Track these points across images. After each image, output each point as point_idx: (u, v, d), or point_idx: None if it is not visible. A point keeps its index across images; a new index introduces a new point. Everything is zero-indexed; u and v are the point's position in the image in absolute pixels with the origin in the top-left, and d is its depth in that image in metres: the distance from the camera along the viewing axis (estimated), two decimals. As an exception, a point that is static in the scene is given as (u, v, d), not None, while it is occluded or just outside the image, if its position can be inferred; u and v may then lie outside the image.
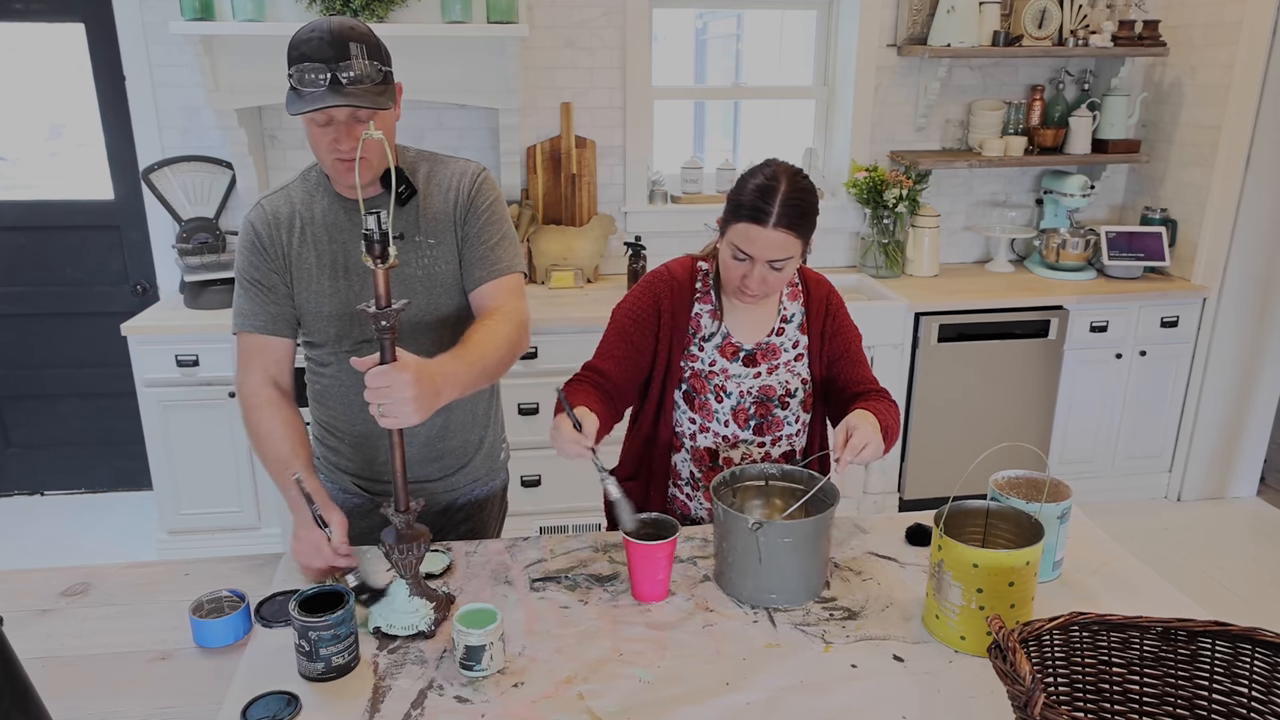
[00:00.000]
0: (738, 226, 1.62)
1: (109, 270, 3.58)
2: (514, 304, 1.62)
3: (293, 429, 1.59)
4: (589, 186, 3.63)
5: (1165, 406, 3.77)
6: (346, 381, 1.69)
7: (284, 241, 1.61)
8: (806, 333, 1.80)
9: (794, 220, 1.60)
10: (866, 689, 1.31)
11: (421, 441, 1.73)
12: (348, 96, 1.43)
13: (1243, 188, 3.51)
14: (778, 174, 1.62)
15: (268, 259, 1.61)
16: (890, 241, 3.74)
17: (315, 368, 1.73)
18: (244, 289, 1.62)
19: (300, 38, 1.45)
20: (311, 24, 1.46)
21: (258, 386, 1.61)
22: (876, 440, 1.58)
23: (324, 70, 1.42)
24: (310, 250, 1.61)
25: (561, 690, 1.30)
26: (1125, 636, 1.18)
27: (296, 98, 1.45)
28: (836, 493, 1.57)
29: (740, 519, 1.47)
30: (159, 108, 3.32)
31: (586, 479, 3.38)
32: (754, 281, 1.64)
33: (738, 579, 1.52)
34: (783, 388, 1.78)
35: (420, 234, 1.63)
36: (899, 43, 3.69)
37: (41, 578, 1.57)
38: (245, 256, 1.62)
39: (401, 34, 2.98)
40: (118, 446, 3.78)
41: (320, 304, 1.63)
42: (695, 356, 1.76)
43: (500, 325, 1.55)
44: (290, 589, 1.50)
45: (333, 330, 1.65)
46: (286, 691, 1.28)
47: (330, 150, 1.50)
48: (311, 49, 1.43)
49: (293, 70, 1.44)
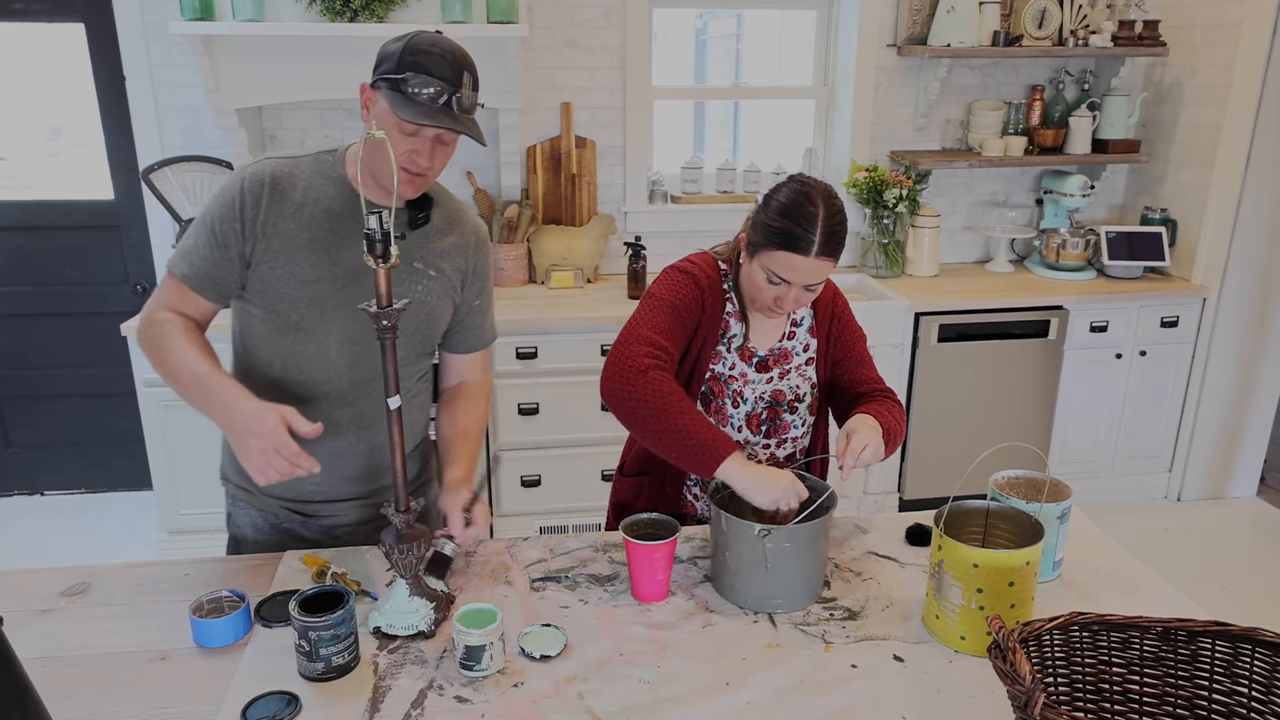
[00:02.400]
0: (775, 254, 1.59)
1: (109, 270, 3.58)
2: (488, 377, 1.85)
3: (210, 351, 1.53)
4: (589, 186, 3.63)
5: (1165, 406, 3.77)
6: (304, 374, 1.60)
7: (265, 208, 1.53)
8: (815, 336, 1.80)
9: (834, 247, 1.59)
10: (866, 689, 1.31)
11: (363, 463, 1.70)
12: (462, 123, 1.47)
13: (1243, 188, 3.51)
14: (814, 197, 1.58)
15: (240, 219, 1.53)
16: (890, 241, 3.74)
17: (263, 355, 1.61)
18: (199, 234, 1.55)
19: (420, 48, 1.45)
20: (431, 39, 1.47)
21: (173, 315, 1.56)
22: (876, 441, 1.58)
23: (445, 90, 1.44)
24: (301, 232, 1.55)
25: (561, 690, 1.30)
26: (1125, 636, 1.18)
27: (406, 104, 1.43)
28: (827, 489, 1.58)
29: (746, 526, 1.46)
30: (159, 108, 3.32)
31: (586, 479, 3.39)
32: (789, 303, 1.64)
33: (742, 586, 1.51)
34: (792, 392, 1.78)
35: (422, 262, 1.62)
36: (899, 43, 3.69)
37: (41, 578, 1.57)
38: (220, 205, 1.54)
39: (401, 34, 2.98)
40: (118, 446, 3.78)
41: (292, 287, 1.55)
42: (719, 357, 1.75)
43: (485, 406, 1.80)
44: (290, 589, 1.50)
45: (294, 317, 1.57)
46: (286, 691, 1.28)
47: (408, 160, 1.49)
48: (432, 64, 1.44)
49: (405, 76, 1.43)
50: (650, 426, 1.58)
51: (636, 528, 1.54)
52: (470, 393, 1.77)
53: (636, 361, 1.61)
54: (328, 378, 1.61)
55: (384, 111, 1.46)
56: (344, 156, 1.60)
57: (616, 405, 1.62)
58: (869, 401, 1.73)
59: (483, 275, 1.74)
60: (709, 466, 1.54)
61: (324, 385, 1.61)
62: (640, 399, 1.58)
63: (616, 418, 1.64)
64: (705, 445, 1.54)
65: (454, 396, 1.77)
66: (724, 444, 1.54)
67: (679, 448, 1.56)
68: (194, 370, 1.49)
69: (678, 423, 1.56)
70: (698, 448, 1.55)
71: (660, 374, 1.61)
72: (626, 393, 1.60)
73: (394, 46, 1.47)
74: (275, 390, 1.59)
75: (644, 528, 1.55)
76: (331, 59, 3.09)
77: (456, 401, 1.76)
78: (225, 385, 1.47)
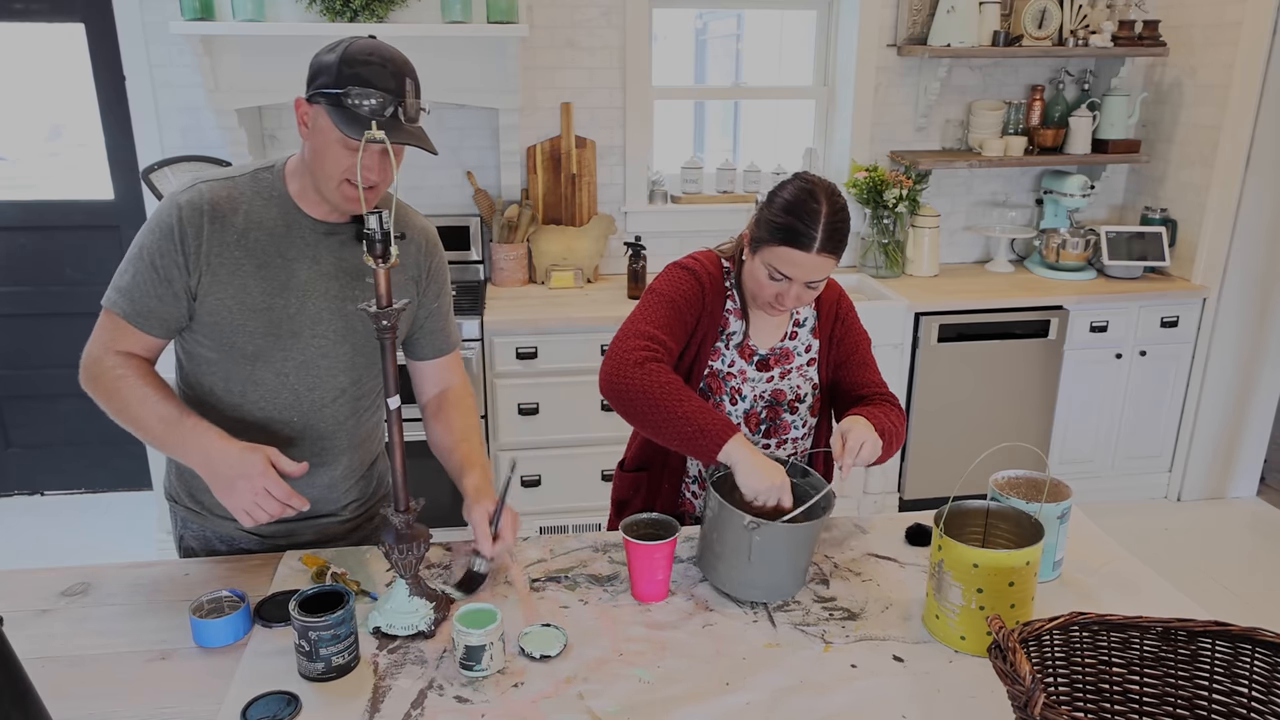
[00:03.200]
0: (778, 250, 1.60)
1: (109, 270, 3.53)
2: (467, 381, 1.78)
3: (168, 389, 1.47)
4: (589, 186, 3.63)
5: (1165, 406, 3.77)
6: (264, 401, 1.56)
7: (207, 237, 1.46)
8: (818, 336, 1.80)
9: (836, 244, 1.60)
10: (866, 689, 1.31)
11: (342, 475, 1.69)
12: (410, 135, 1.39)
13: (1243, 188, 3.52)
14: (817, 194, 1.59)
15: (181, 251, 1.46)
16: (890, 241, 3.74)
17: (218, 386, 1.56)
18: (138, 270, 1.48)
19: (357, 58, 1.36)
20: (368, 47, 1.38)
21: (121, 358, 1.48)
22: (873, 438, 1.58)
23: (389, 101, 1.36)
24: (248, 259, 1.48)
25: (561, 690, 1.30)
26: (1125, 636, 1.18)
27: (349, 119, 1.35)
28: (833, 496, 1.57)
29: (736, 515, 1.47)
30: (159, 108, 3.32)
31: (587, 479, 3.39)
32: (790, 300, 1.65)
33: (724, 570, 1.52)
34: (793, 392, 1.78)
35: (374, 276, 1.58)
36: (899, 43, 3.69)
37: (41, 578, 1.57)
38: (157, 238, 1.46)
39: (401, 34, 2.98)
40: (118, 446, 3.78)
41: (245, 318, 1.49)
42: (718, 354, 1.76)
43: (473, 411, 1.72)
44: (290, 589, 1.50)
45: (250, 348, 1.52)
46: (286, 691, 1.27)
47: (355, 175, 1.42)
48: (373, 74, 1.36)
49: (345, 90, 1.35)
50: (650, 417, 1.58)
51: (636, 528, 1.54)
52: (456, 398, 1.72)
53: (634, 355, 1.62)
54: (289, 403, 1.57)
55: (324, 127, 1.39)
56: (283, 173, 1.53)
57: (616, 399, 1.63)
58: (866, 404, 1.74)
59: (438, 277, 1.68)
60: (711, 450, 1.54)
61: (286, 411, 1.57)
62: (639, 391, 1.59)
63: (617, 412, 1.64)
64: (706, 430, 1.55)
65: (440, 405, 1.71)
66: (725, 427, 1.55)
67: (681, 435, 1.56)
68: (161, 414, 1.43)
69: (677, 410, 1.56)
70: (699, 433, 1.55)
71: (658, 365, 1.61)
72: (625, 386, 1.60)
73: (329, 58, 1.38)
74: (236, 422, 1.54)
75: (644, 528, 1.55)
76: (331, 59, 3.08)
77: (444, 409, 1.70)
78: (200, 428, 1.42)
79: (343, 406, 1.62)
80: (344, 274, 1.55)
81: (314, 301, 1.53)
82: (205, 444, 1.41)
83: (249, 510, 1.39)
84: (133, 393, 1.46)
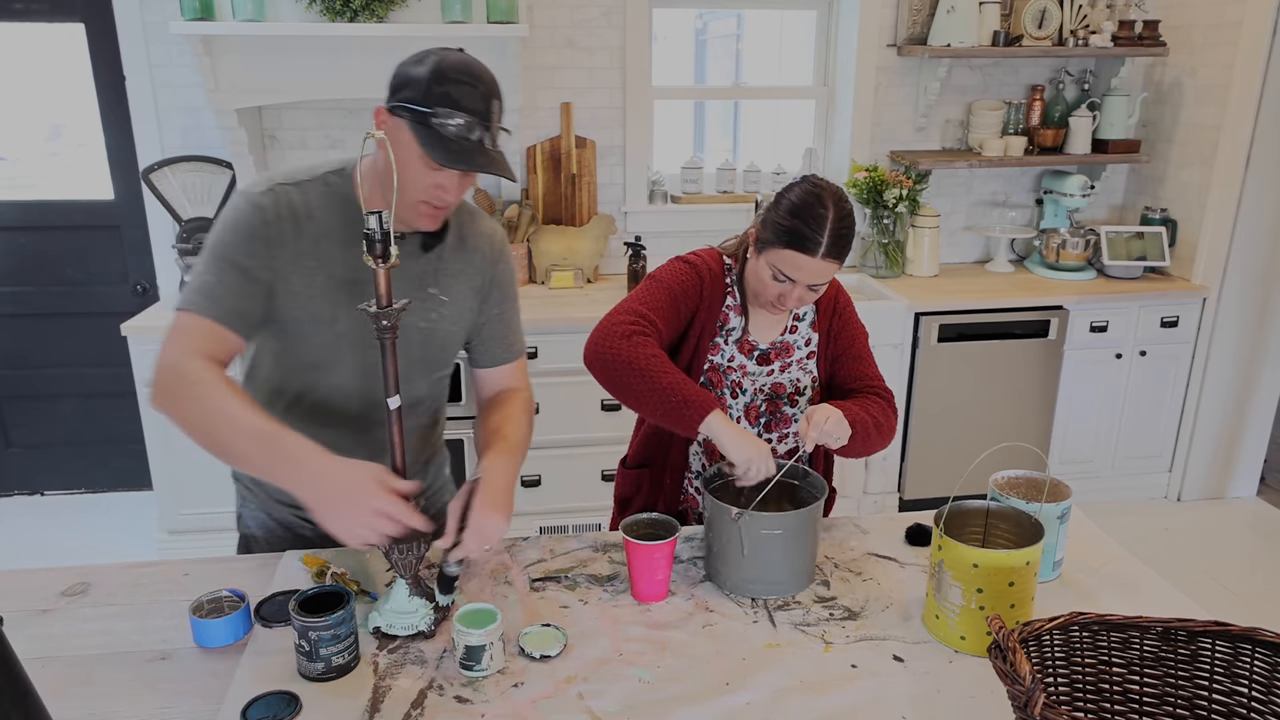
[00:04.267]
0: (783, 252, 1.60)
1: (109, 270, 3.58)
2: (528, 388, 1.71)
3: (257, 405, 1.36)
4: (589, 186, 3.63)
5: (1165, 406, 3.77)
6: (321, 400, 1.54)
7: (289, 243, 1.43)
8: (816, 330, 1.81)
9: (841, 249, 1.60)
10: (866, 689, 1.31)
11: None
12: (493, 162, 1.36)
13: (1243, 188, 3.52)
14: (825, 199, 1.59)
15: (268, 250, 1.41)
16: (890, 241, 3.74)
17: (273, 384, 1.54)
18: (222, 270, 1.40)
19: (448, 75, 1.32)
20: (461, 63, 1.34)
21: (206, 363, 1.37)
22: (837, 414, 1.58)
23: (479, 128, 1.33)
24: (320, 270, 1.45)
25: (561, 690, 1.30)
26: (1125, 636, 1.18)
27: (437, 142, 1.31)
28: (824, 486, 1.59)
29: (723, 509, 1.49)
30: (159, 108, 3.32)
31: (587, 479, 3.39)
32: (792, 301, 1.65)
33: (722, 567, 1.54)
34: (793, 385, 1.79)
35: (435, 286, 1.55)
36: (899, 43, 3.69)
37: (41, 578, 1.57)
38: (238, 239, 1.41)
39: (401, 34, 2.98)
40: (118, 446, 3.78)
41: (313, 329, 1.47)
42: (718, 349, 1.77)
43: (527, 414, 1.64)
44: (290, 589, 1.50)
45: (312, 358, 1.50)
46: (286, 691, 1.27)
47: (435, 195, 1.40)
48: (462, 95, 1.32)
49: (434, 110, 1.31)
50: (633, 388, 1.59)
51: (636, 528, 1.54)
52: (505, 398, 1.66)
53: (621, 328, 1.63)
54: (344, 405, 1.56)
55: (406, 142, 1.35)
56: (353, 177, 1.49)
57: (600, 368, 1.63)
58: (850, 398, 1.74)
59: (503, 283, 1.64)
60: (693, 422, 1.56)
61: (340, 412, 1.56)
62: (624, 361, 1.60)
63: (600, 382, 1.64)
64: (689, 401, 1.56)
65: (488, 403, 1.69)
66: (707, 400, 1.57)
67: (662, 406, 1.57)
68: (256, 428, 1.31)
69: (660, 381, 1.57)
70: (682, 404, 1.56)
71: (644, 339, 1.62)
72: (611, 355, 1.61)
73: (417, 71, 1.33)
74: (288, 419, 1.46)
75: (644, 528, 1.55)
76: (331, 59, 3.09)
77: (490, 407, 1.66)
78: (304, 445, 1.30)
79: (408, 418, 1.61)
80: (407, 283, 1.51)
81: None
82: (312, 463, 1.30)
83: (353, 532, 1.29)
84: (221, 404, 1.33)
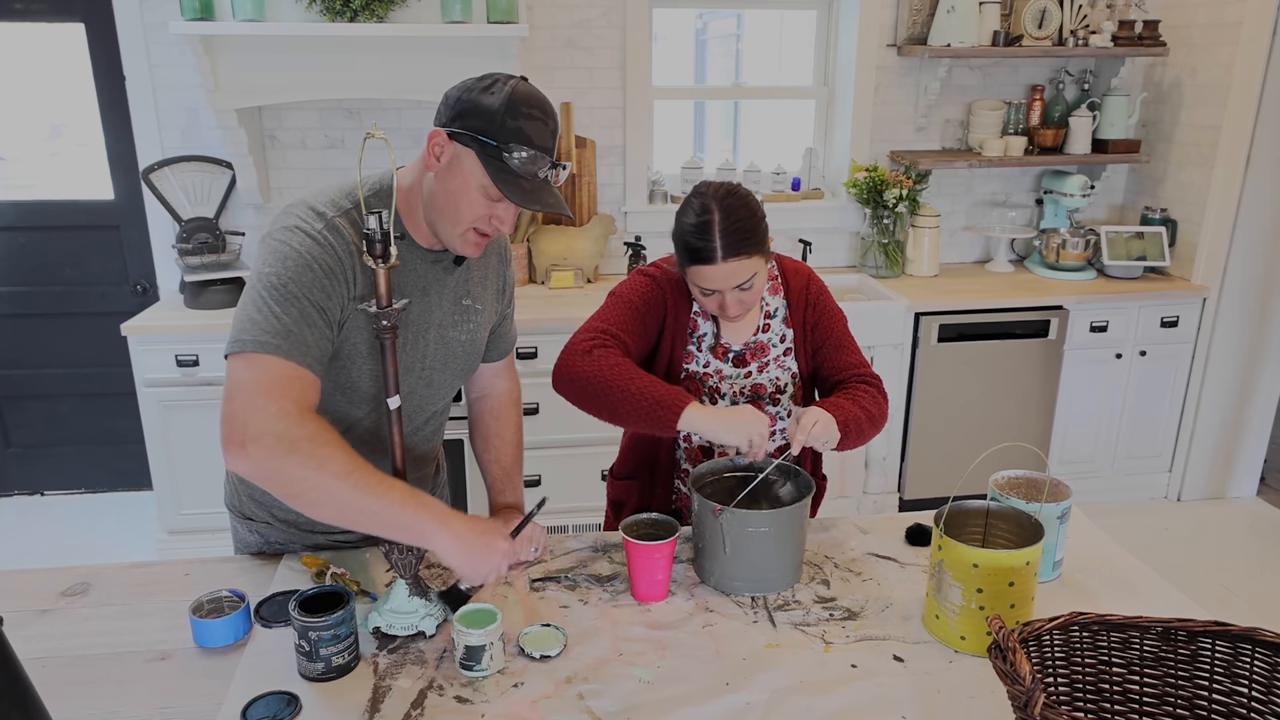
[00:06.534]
0: (690, 269, 1.62)
1: (109, 270, 3.58)
2: (517, 380, 1.79)
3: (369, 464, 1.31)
4: (589, 186, 3.63)
5: (1165, 406, 3.77)
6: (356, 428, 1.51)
7: (356, 278, 1.37)
8: (791, 325, 1.80)
9: (740, 246, 1.57)
10: (866, 689, 1.31)
11: None
12: (557, 201, 1.36)
13: (1243, 188, 3.52)
14: (708, 205, 1.58)
15: (341, 289, 1.35)
16: (890, 241, 3.74)
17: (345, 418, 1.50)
18: (302, 308, 1.31)
19: (521, 110, 1.30)
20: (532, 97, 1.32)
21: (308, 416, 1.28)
22: (825, 417, 1.59)
23: (546, 164, 1.33)
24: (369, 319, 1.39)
25: (561, 690, 1.30)
26: (1125, 636, 1.18)
27: (508, 179, 1.30)
28: (812, 485, 1.58)
29: (706, 505, 1.51)
30: (159, 108, 3.32)
31: (586, 479, 3.39)
32: (731, 306, 1.64)
33: (707, 564, 1.56)
34: (773, 384, 1.79)
35: (470, 298, 1.55)
36: (899, 43, 3.69)
37: (41, 578, 1.57)
38: (314, 277, 1.32)
39: (401, 34, 2.98)
40: (118, 446, 3.79)
41: (369, 362, 1.43)
42: (692, 356, 1.76)
43: (518, 418, 1.76)
44: (290, 589, 1.50)
45: (365, 388, 1.46)
46: (286, 691, 1.28)
47: (488, 224, 1.37)
48: (534, 131, 1.31)
49: (506, 145, 1.29)
50: (604, 400, 1.59)
51: (636, 528, 1.54)
52: (498, 409, 1.72)
53: (581, 346, 1.64)
54: (379, 434, 1.52)
55: (468, 171, 1.32)
56: (390, 198, 1.42)
57: (567, 388, 1.64)
58: (840, 391, 1.74)
59: (511, 285, 1.69)
60: (670, 421, 1.55)
61: (374, 439, 1.53)
62: (589, 376, 1.60)
63: (572, 402, 1.64)
64: (661, 401, 1.55)
65: (481, 415, 1.72)
66: (679, 396, 1.56)
67: (636, 412, 1.57)
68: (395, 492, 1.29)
69: (629, 387, 1.57)
70: (654, 405, 1.55)
71: (605, 350, 1.63)
72: (575, 374, 1.61)
73: (489, 101, 1.30)
74: None
75: (644, 528, 1.55)
76: (331, 59, 3.09)
77: (485, 421, 1.72)
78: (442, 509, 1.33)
79: (433, 425, 1.65)
80: (447, 301, 1.51)
81: (423, 335, 1.49)
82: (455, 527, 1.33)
83: (479, 575, 1.37)
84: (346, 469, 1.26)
